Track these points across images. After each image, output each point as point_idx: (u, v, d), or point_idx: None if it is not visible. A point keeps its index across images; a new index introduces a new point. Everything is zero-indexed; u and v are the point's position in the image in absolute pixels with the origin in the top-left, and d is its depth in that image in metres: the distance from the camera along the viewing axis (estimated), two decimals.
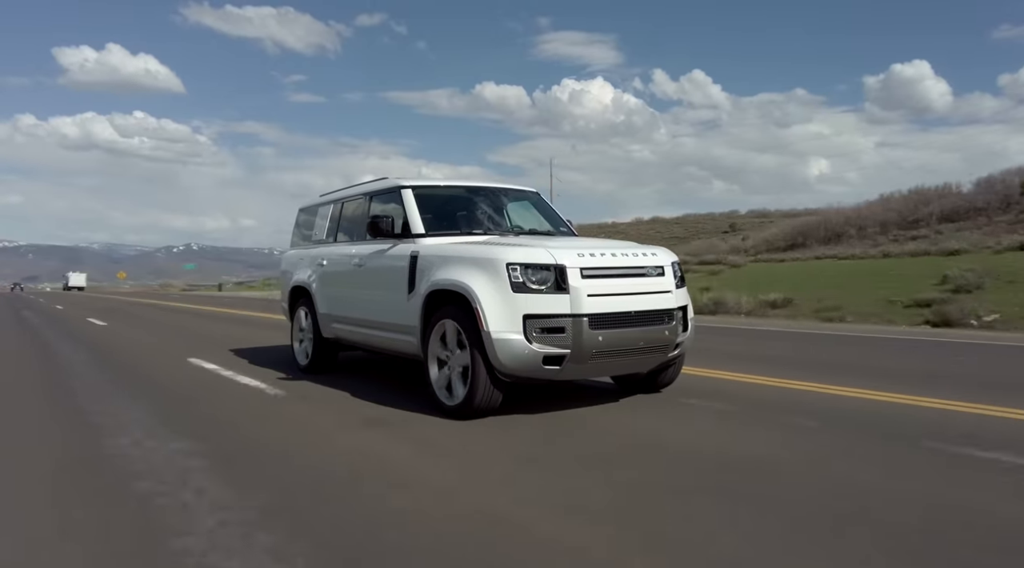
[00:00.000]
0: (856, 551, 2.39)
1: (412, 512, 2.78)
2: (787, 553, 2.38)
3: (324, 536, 2.55)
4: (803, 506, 2.83)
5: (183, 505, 2.88)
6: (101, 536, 2.60)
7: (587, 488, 3.07)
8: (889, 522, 2.65)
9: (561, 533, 2.56)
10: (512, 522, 2.67)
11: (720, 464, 3.45)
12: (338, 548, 2.45)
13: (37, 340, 10.99)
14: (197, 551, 2.42)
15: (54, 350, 9.37)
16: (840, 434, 4.02)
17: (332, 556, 2.39)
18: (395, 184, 5.66)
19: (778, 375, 6.10)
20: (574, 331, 4.22)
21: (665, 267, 4.73)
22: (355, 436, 4.11)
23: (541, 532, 2.57)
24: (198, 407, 5.11)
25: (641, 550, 2.41)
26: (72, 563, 2.40)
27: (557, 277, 4.27)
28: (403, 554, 2.40)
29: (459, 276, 4.47)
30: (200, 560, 2.35)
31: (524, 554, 2.39)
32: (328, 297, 6.32)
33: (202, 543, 2.49)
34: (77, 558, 2.43)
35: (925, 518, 2.70)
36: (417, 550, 2.43)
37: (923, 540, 2.50)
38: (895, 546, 2.43)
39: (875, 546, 2.42)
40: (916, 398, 5.01)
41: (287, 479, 3.27)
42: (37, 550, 2.50)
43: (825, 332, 11.21)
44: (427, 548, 2.44)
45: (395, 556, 2.39)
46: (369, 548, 2.46)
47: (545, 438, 4.01)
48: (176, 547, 2.46)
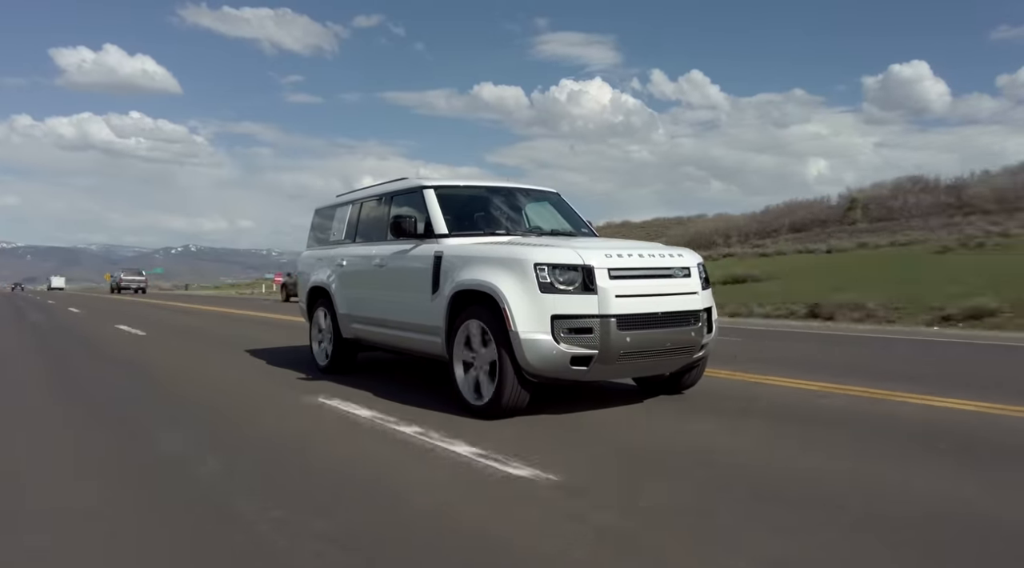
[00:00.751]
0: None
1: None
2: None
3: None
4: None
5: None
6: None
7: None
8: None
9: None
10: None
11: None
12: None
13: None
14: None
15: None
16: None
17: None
18: (417, 184, 5.66)
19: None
20: (602, 332, 4.22)
21: (691, 268, 4.73)
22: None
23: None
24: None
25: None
26: None
27: (585, 278, 4.26)
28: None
29: (486, 276, 4.47)
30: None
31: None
32: (348, 298, 6.32)
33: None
34: None
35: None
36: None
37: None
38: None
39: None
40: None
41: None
42: None
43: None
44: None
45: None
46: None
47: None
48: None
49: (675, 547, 2.43)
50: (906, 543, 2.46)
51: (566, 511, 2.77)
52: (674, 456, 3.67)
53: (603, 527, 2.60)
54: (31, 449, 3.95)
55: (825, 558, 2.36)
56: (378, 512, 2.81)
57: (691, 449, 3.80)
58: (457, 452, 3.64)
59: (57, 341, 10.94)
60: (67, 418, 4.88)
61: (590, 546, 2.43)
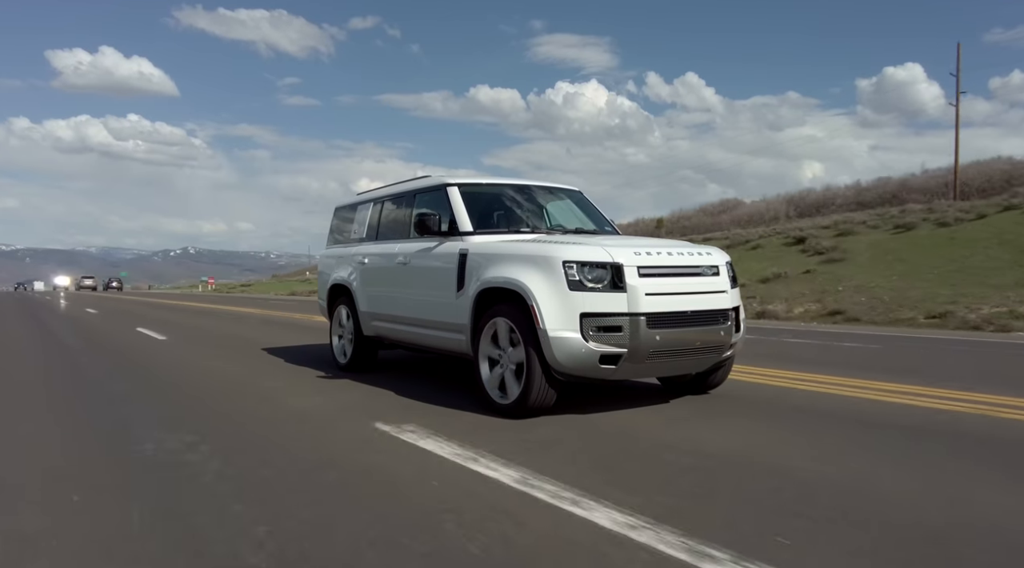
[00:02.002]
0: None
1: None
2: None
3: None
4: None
5: None
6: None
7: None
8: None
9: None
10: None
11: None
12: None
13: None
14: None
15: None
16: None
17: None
18: (440, 182, 5.64)
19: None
20: (631, 330, 4.18)
21: (720, 267, 4.69)
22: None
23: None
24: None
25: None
26: None
27: (614, 275, 4.23)
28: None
29: (513, 274, 4.44)
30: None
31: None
32: (370, 295, 6.31)
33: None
34: None
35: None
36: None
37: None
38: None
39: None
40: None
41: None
42: None
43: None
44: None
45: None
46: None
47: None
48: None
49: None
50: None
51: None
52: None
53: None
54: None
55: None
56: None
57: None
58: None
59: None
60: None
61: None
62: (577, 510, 2.68)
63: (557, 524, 2.57)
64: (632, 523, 2.54)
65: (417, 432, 4.00)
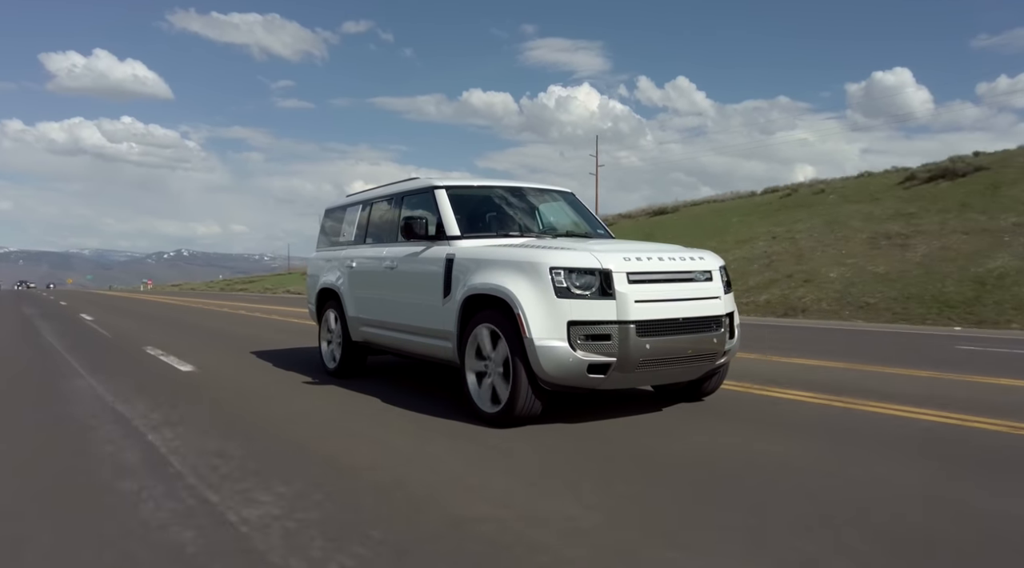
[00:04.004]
0: None
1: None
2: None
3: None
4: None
5: None
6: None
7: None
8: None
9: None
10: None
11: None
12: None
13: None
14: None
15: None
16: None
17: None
18: (428, 184, 5.51)
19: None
20: (621, 338, 4.04)
21: (713, 271, 4.55)
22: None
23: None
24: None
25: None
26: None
27: (602, 282, 4.09)
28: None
29: (499, 280, 4.31)
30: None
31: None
32: (358, 300, 6.18)
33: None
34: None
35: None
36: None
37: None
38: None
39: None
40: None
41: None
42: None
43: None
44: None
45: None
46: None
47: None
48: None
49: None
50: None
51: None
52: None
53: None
54: None
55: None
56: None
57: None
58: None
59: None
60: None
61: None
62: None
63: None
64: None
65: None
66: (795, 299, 17.31)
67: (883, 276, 16.88)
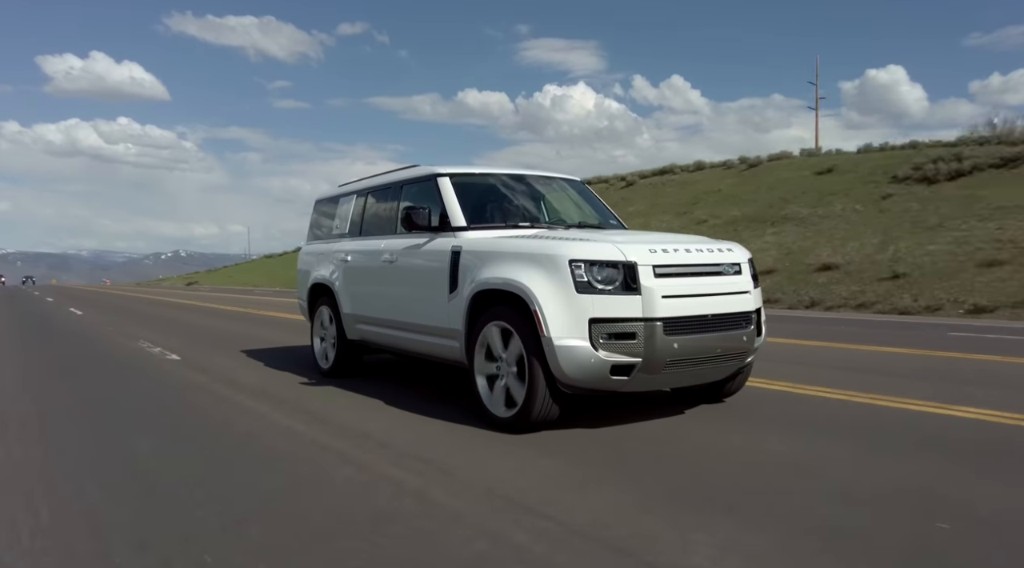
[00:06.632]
0: None
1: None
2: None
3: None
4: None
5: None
6: None
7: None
8: None
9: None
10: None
11: None
12: None
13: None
14: None
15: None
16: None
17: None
18: (430, 172, 5.14)
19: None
20: (647, 337, 3.71)
21: (742, 264, 4.23)
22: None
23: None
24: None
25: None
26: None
27: (627, 276, 3.76)
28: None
29: (513, 274, 3.96)
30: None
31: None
32: (353, 296, 5.80)
33: None
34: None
35: None
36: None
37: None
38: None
39: None
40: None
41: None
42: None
43: None
44: None
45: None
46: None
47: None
48: None
49: None
50: None
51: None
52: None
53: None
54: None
55: None
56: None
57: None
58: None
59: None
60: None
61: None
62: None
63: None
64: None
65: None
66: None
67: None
